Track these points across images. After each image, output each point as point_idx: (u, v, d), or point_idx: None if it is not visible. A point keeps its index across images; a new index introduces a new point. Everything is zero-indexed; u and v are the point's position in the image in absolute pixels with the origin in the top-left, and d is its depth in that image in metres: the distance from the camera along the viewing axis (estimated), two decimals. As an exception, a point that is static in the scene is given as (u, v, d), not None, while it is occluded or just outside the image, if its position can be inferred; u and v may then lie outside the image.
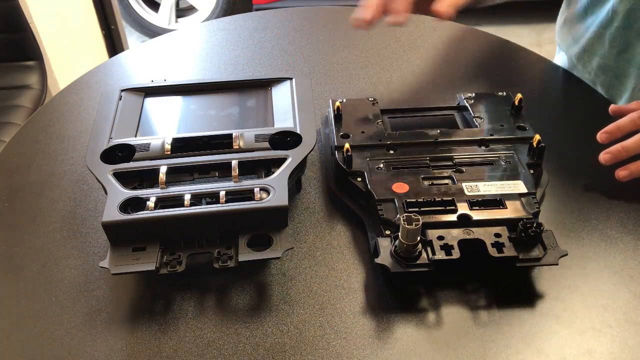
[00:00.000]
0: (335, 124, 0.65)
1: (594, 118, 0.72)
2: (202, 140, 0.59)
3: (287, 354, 0.47)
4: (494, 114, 0.66)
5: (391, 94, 0.79)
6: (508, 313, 0.49)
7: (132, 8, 2.58)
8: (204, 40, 0.94)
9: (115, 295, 0.52)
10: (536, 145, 0.58)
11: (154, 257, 0.48)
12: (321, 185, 0.64)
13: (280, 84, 0.67)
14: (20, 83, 1.33)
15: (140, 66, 0.88)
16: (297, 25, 0.97)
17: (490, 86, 0.79)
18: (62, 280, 0.53)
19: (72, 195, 0.63)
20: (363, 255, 0.55)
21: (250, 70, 0.85)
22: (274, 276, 0.53)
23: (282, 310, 0.50)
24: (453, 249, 0.49)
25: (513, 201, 0.53)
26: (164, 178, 0.54)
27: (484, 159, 0.59)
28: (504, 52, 0.87)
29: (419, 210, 0.52)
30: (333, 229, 0.58)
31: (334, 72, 0.84)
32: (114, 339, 0.48)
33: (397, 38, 0.92)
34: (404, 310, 0.50)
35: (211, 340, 0.48)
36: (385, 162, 0.59)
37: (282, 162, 0.56)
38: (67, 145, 0.70)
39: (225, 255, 0.49)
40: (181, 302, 0.51)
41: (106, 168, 0.56)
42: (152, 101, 0.67)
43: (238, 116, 0.64)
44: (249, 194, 0.52)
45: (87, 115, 0.76)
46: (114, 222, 0.49)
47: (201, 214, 0.50)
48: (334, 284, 0.52)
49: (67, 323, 0.49)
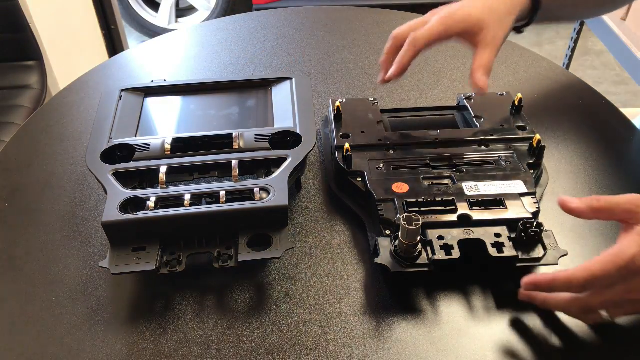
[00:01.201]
0: (335, 124, 0.65)
1: (594, 118, 0.72)
2: (202, 140, 0.59)
3: (287, 354, 0.47)
4: (494, 114, 0.66)
5: (391, 94, 0.79)
6: (508, 313, 0.49)
7: (132, 8, 2.58)
8: (204, 40, 0.94)
9: (115, 295, 0.52)
10: (536, 145, 0.58)
11: (154, 257, 0.48)
12: (321, 185, 0.64)
13: (280, 84, 0.67)
14: (20, 83, 1.33)
15: (140, 66, 0.88)
16: (297, 25, 0.97)
17: (491, 86, 0.79)
18: (62, 280, 0.53)
19: (72, 195, 0.63)
20: (363, 255, 0.55)
21: (250, 70, 0.85)
22: (274, 276, 0.53)
23: (282, 310, 0.50)
24: (453, 249, 0.49)
25: (513, 201, 0.53)
26: (164, 178, 0.54)
27: (484, 159, 0.59)
28: (504, 52, 0.87)
29: (419, 210, 0.52)
30: (333, 229, 0.58)
31: (334, 72, 0.84)
32: (114, 339, 0.48)
33: (397, 38, 0.92)
34: (404, 310, 0.50)
35: (211, 340, 0.48)
36: (385, 162, 0.59)
37: (282, 162, 0.56)
38: (67, 145, 0.70)
39: (225, 255, 0.49)
40: (181, 302, 0.51)
41: (106, 168, 0.56)
42: (152, 101, 0.67)
43: (238, 116, 0.64)
44: (249, 194, 0.52)
45: (87, 115, 0.76)
46: (114, 222, 0.49)
47: (201, 214, 0.50)
48: (334, 284, 0.52)
49: (67, 323, 0.49)
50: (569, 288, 0.45)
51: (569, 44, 1.71)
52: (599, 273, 0.43)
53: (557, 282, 0.45)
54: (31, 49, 1.35)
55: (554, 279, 0.45)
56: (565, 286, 0.45)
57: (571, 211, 0.48)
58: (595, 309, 0.46)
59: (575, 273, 0.44)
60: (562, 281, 0.44)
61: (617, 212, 0.46)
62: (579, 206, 0.47)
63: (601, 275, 0.43)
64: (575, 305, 0.46)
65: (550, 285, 0.45)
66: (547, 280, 0.45)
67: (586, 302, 0.45)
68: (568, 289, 0.45)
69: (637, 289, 0.43)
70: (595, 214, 0.47)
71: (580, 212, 0.47)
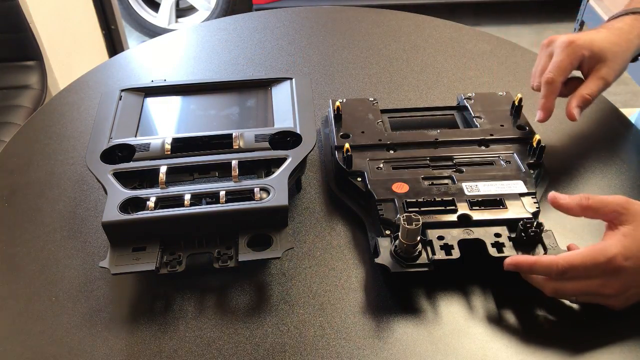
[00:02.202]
0: (335, 124, 0.65)
1: (594, 118, 0.72)
2: (202, 140, 0.59)
3: (287, 354, 0.47)
4: (494, 114, 0.66)
5: (391, 94, 0.78)
6: (508, 313, 0.49)
7: (132, 8, 2.58)
8: (204, 40, 0.94)
9: (115, 295, 0.52)
10: (536, 145, 0.58)
11: (154, 257, 0.48)
12: (321, 185, 0.64)
13: (280, 84, 0.67)
14: (20, 83, 1.33)
15: (140, 66, 0.88)
16: (297, 25, 0.97)
17: (490, 86, 0.79)
18: (62, 280, 0.53)
19: (72, 195, 0.63)
20: (363, 255, 0.55)
21: (250, 70, 0.85)
22: (274, 276, 0.53)
23: (282, 310, 0.50)
24: (453, 249, 0.49)
25: (513, 201, 0.53)
26: (164, 178, 0.54)
27: (484, 159, 0.59)
28: (504, 52, 0.87)
29: (419, 210, 0.52)
30: (333, 229, 0.58)
31: (334, 72, 0.84)
32: (114, 339, 0.48)
33: (397, 38, 0.92)
34: (404, 310, 0.50)
35: (211, 340, 0.48)
36: (385, 162, 0.59)
37: (282, 162, 0.56)
38: (67, 145, 0.70)
39: (225, 255, 0.49)
40: (181, 302, 0.51)
41: (106, 168, 0.56)
42: (152, 101, 0.67)
43: (238, 116, 0.64)
44: (249, 194, 0.52)
45: (87, 115, 0.76)
46: (114, 222, 0.49)
47: (201, 214, 0.50)
48: (334, 284, 0.52)
49: (67, 323, 0.49)
50: (548, 273, 0.47)
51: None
52: (578, 265, 0.45)
53: (537, 265, 0.47)
54: (31, 49, 1.35)
55: (535, 262, 0.47)
56: (545, 271, 0.47)
57: (560, 207, 0.50)
58: (567, 294, 0.48)
59: (557, 260, 0.46)
60: (542, 266, 0.46)
61: (604, 211, 0.48)
62: (568, 203, 0.50)
63: (580, 267, 0.45)
64: (549, 287, 0.48)
65: (530, 267, 0.47)
66: (528, 263, 0.47)
67: (560, 286, 0.47)
68: (547, 274, 0.47)
69: (611, 285, 0.46)
70: (584, 211, 0.49)
71: (569, 208, 0.50)
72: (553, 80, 0.59)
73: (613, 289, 0.46)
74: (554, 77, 0.59)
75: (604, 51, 0.59)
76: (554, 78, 0.59)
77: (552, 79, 0.59)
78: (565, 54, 0.59)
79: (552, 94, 0.60)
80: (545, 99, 0.60)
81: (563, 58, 0.59)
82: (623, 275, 0.45)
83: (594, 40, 0.60)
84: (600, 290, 0.46)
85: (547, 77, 0.59)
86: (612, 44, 0.60)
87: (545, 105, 0.60)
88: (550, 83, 0.59)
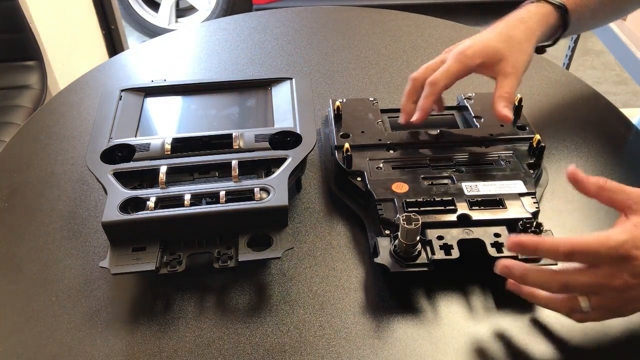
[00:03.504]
0: (335, 124, 0.65)
1: (594, 118, 0.72)
2: (202, 140, 0.59)
3: (287, 354, 0.47)
4: (494, 114, 0.65)
5: (391, 94, 0.79)
6: (508, 313, 0.49)
7: (132, 8, 2.58)
8: (204, 40, 0.94)
9: (115, 295, 0.52)
10: (536, 145, 0.58)
11: (154, 257, 0.48)
12: (321, 185, 0.64)
13: (280, 84, 0.67)
14: (20, 83, 1.33)
15: (140, 66, 0.88)
16: (297, 25, 0.97)
17: (490, 86, 0.79)
18: (62, 280, 0.53)
19: (72, 195, 0.63)
20: (363, 255, 0.55)
21: (250, 70, 0.85)
22: (274, 276, 0.53)
23: (282, 310, 0.50)
24: (452, 249, 0.49)
25: (513, 201, 0.53)
26: (164, 178, 0.54)
27: (484, 159, 0.59)
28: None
29: (418, 210, 0.52)
30: (333, 229, 0.58)
31: (334, 72, 0.84)
32: (114, 339, 0.48)
33: (397, 38, 0.92)
34: (404, 310, 0.50)
35: (211, 340, 0.48)
36: (385, 162, 0.59)
37: (282, 162, 0.56)
38: (67, 145, 0.70)
39: (225, 255, 0.49)
40: (181, 302, 0.51)
41: (106, 168, 0.56)
42: (152, 101, 0.67)
43: (238, 116, 0.64)
44: (249, 194, 0.52)
45: (87, 115, 0.76)
46: (114, 222, 0.49)
47: (201, 214, 0.50)
48: (334, 284, 0.52)
49: (67, 323, 0.49)
50: (555, 253, 0.44)
51: (569, 44, 1.71)
52: (586, 247, 0.43)
53: (543, 244, 0.44)
54: (31, 49, 1.35)
55: (540, 241, 0.44)
56: (551, 249, 0.44)
57: (577, 182, 0.48)
58: (574, 289, 0.45)
59: (563, 240, 0.43)
60: (548, 245, 0.44)
61: (619, 198, 0.46)
62: (586, 179, 0.47)
63: (587, 249, 0.43)
64: (556, 280, 0.45)
65: (535, 246, 0.44)
66: (533, 242, 0.44)
67: (567, 279, 0.44)
68: (553, 254, 0.44)
69: (619, 275, 0.43)
70: (599, 192, 0.47)
71: (585, 185, 0.47)
72: (437, 82, 0.59)
73: (622, 280, 0.43)
74: (439, 79, 0.59)
75: (499, 50, 0.60)
76: (438, 80, 0.59)
77: (437, 80, 0.59)
78: (455, 62, 0.60)
79: (432, 95, 0.60)
80: (425, 99, 0.60)
81: (452, 64, 0.60)
82: (632, 264, 0.42)
83: (486, 43, 0.61)
84: (608, 281, 0.43)
85: (432, 78, 0.60)
86: (506, 38, 0.61)
87: (424, 105, 0.60)
88: (434, 84, 0.59)
